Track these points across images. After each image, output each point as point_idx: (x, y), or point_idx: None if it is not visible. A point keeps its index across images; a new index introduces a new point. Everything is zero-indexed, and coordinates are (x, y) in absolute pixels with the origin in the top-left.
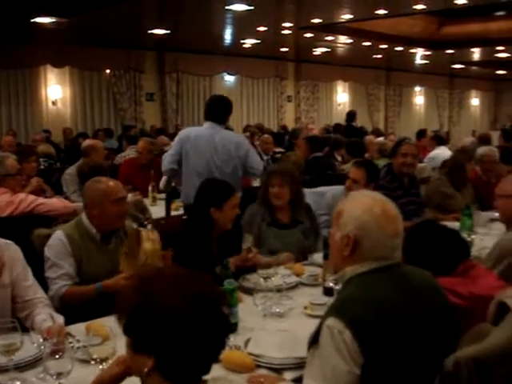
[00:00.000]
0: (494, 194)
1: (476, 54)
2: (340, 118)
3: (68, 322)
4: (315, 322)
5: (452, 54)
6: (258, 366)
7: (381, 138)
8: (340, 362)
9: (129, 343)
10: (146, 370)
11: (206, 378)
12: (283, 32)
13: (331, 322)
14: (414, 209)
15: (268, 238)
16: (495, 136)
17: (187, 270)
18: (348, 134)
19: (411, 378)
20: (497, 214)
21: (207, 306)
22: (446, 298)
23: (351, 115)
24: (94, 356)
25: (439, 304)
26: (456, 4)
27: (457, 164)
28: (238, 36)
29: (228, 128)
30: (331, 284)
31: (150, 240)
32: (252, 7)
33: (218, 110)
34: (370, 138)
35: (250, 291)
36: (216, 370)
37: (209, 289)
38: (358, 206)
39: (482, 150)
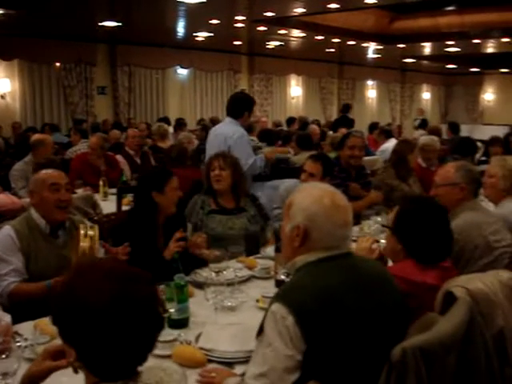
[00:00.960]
0: (433, 183)
1: (427, 48)
2: (294, 111)
3: (16, 321)
4: None
5: (403, 48)
6: (210, 361)
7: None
8: (281, 346)
9: (58, 332)
10: (71, 360)
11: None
12: (236, 25)
13: (275, 307)
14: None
15: (209, 225)
16: (445, 129)
17: (126, 265)
18: (343, 124)
19: (359, 367)
20: None
21: (131, 306)
22: (397, 287)
23: (346, 107)
24: None
25: (389, 294)
26: None
27: (399, 155)
28: (190, 29)
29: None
30: (283, 277)
31: (87, 237)
32: (204, 0)
33: (233, 104)
34: (313, 127)
35: (201, 285)
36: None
37: (139, 288)
38: (308, 197)
39: (424, 139)
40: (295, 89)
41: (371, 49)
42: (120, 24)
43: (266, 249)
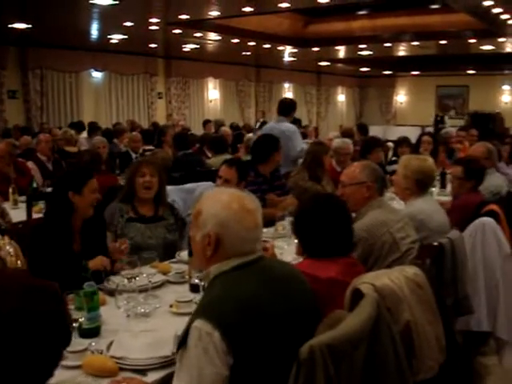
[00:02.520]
0: (340, 183)
1: (341, 51)
2: (212, 114)
3: None
4: (181, 320)
5: (318, 51)
6: (122, 369)
7: (250, 134)
8: (207, 364)
9: None
10: None
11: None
12: (151, 28)
13: (199, 323)
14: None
15: (129, 233)
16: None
17: (30, 277)
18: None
19: (280, 369)
20: None
21: (31, 320)
22: (308, 285)
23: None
24: None
25: (302, 293)
26: (320, 3)
27: (313, 157)
28: (104, 31)
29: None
30: (197, 281)
31: (13, 255)
32: (117, 1)
33: (284, 107)
34: (224, 129)
35: (114, 293)
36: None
37: (41, 301)
38: (216, 204)
39: (337, 142)
40: (213, 92)
41: (287, 52)
42: (31, 26)
43: (180, 253)
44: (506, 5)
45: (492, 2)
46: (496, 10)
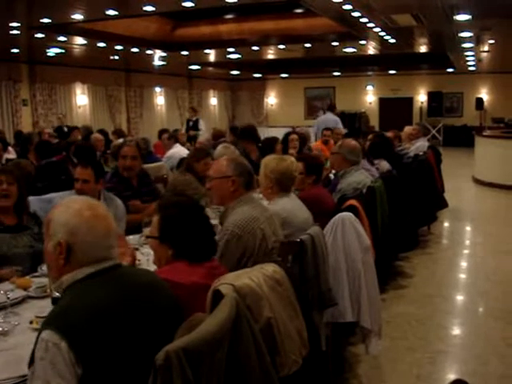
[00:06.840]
0: (208, 176)
1: (210, 55)
2: (81, 120)
3: None
4: None
5: (187, 55)
6: None
7: (120, 140)
8: (55, 377)
9: None
10: None
11: None
12: (12, 32)
13: (46, 335)
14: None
15: None
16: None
17: None
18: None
19: (137, 377)
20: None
21: None
22: (170, 291)
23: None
24: None
25: (162, 300)
26: (185, 7)
27: (186, 164)
28: None
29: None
30: (58, 294)
31: None
32: None
33: (330, 105)
34: (96, 136)
35: None
36: None
37: None
38: (66, 212)
39: (218, 150)
40: (81, 97)
41: (156, 56)
42: None
43: (43, 266)
44: (364, 9)
45: (351, 7)
46: (355, 14)
